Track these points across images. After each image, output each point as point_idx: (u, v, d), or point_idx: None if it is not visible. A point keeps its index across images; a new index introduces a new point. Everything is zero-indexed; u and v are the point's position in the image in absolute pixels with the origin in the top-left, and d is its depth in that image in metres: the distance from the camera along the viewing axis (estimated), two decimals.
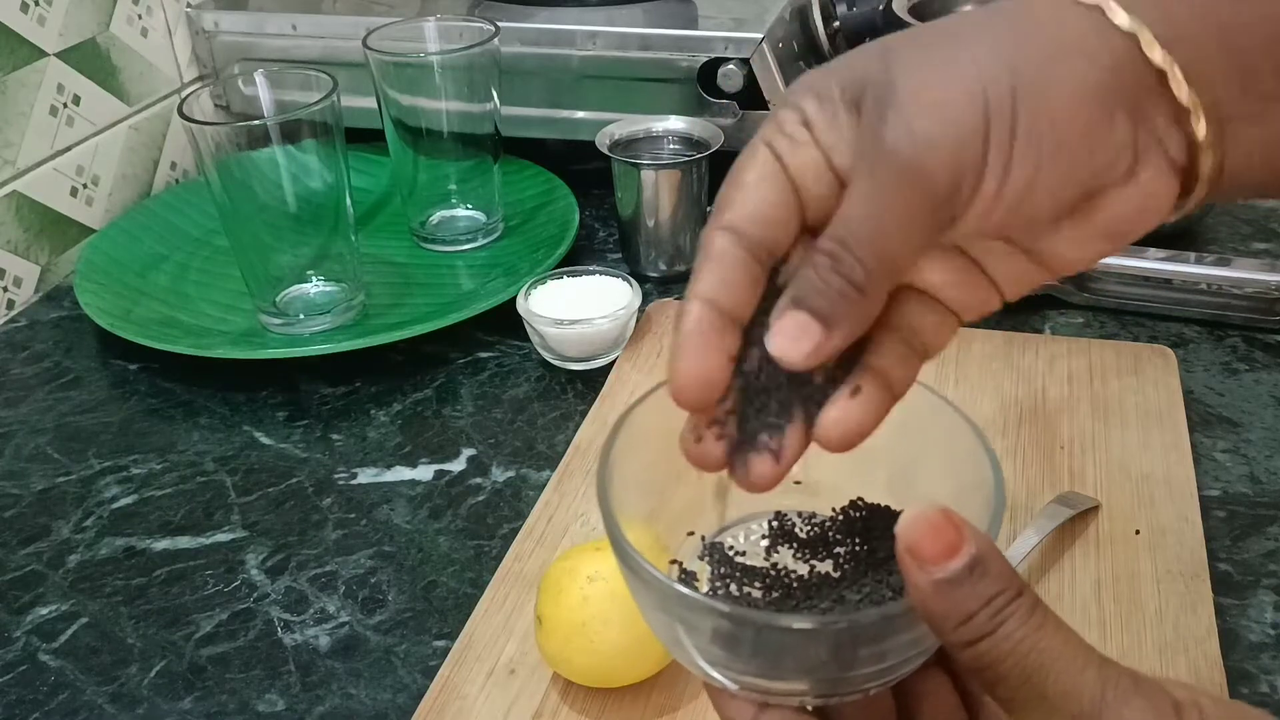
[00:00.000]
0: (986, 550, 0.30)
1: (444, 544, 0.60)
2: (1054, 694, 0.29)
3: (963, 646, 0.30)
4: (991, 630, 0.29)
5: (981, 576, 0.29)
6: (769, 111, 0.84)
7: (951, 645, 0.30)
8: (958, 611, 0.29)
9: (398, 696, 0.52)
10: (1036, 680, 0.30)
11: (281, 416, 0.70)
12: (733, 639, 0.32)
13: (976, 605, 0.29)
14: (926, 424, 0.36)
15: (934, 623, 0.30)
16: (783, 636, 0.31)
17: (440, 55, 0.80)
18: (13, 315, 0.82)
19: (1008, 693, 0.30)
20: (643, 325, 0.75)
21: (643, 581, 0.32)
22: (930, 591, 0.29)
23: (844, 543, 0.36)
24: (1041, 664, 0.29)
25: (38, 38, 0.83)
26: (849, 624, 0.31)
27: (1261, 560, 0.56)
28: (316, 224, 0.74)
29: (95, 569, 0.60)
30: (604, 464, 0.34)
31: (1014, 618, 0.30)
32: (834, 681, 0.32)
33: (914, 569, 0.30)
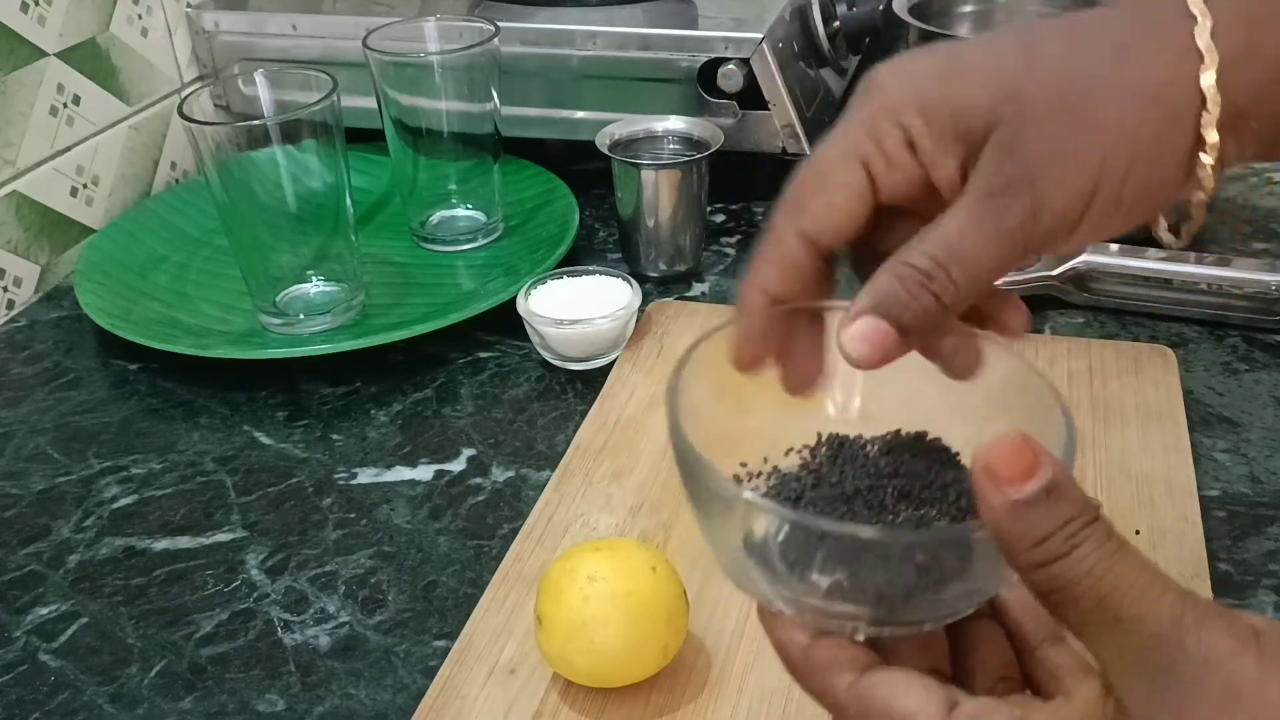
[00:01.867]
0: (1062, 476, 0.30)
1: (444, 544, 0.60)
2: (1129, 616, 0.30)
3: (1035, 568, 0.30)
4: (1066, 553, 0.30)
5: (1058, 500, 0.30)
6: (766, 112, 0.85)
7: (1024, 568, 0.30)
8: (1032, 533, 0.30)
9: (398, 696, 0.52)
10: (1111, 602, 0.30)
11: (281, 416, 0.70)
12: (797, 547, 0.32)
13: (1052, 527, 0.30)
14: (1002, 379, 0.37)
15: (1008, 545, 0.30)
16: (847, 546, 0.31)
17: (440, 55, 0.80)
18: (13, 315, 0.82)
19: (1079, 616, 0.30)
20: (643, 325, 0.75)
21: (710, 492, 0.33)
22: (1006, 512, 0.30)
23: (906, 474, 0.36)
24: (1117, 587, 0.30)
25: (38, 38, 0.83)
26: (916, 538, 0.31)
27: (1261, 560, 0.56)
28: (316, 224, 0.74)
29: (95, 569, 0.60)
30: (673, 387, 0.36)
31: (1089, 541, 0.30)
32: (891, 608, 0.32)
33: (990, 490, 0.30)
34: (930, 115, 0.34)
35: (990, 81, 0.34)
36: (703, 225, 0.82)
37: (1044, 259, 0.76)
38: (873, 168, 0.35)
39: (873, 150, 0.35)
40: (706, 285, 0.82)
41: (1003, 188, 0.33)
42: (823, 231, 0.35)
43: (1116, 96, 0.33)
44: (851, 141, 0.35)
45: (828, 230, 0.35)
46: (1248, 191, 0.90)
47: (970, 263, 0.34)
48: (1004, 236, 0.34)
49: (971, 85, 0.34)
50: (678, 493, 0.61)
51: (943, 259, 0.34)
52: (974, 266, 0.34)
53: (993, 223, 0.34)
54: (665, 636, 0.49)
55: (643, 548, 0.50)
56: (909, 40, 1.02)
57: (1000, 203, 0.34)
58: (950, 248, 0.34)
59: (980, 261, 0.34)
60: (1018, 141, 0.33)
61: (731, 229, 0.89)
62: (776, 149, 0.87)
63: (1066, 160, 0.33)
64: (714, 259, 0.85)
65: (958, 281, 0.34)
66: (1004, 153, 0.33)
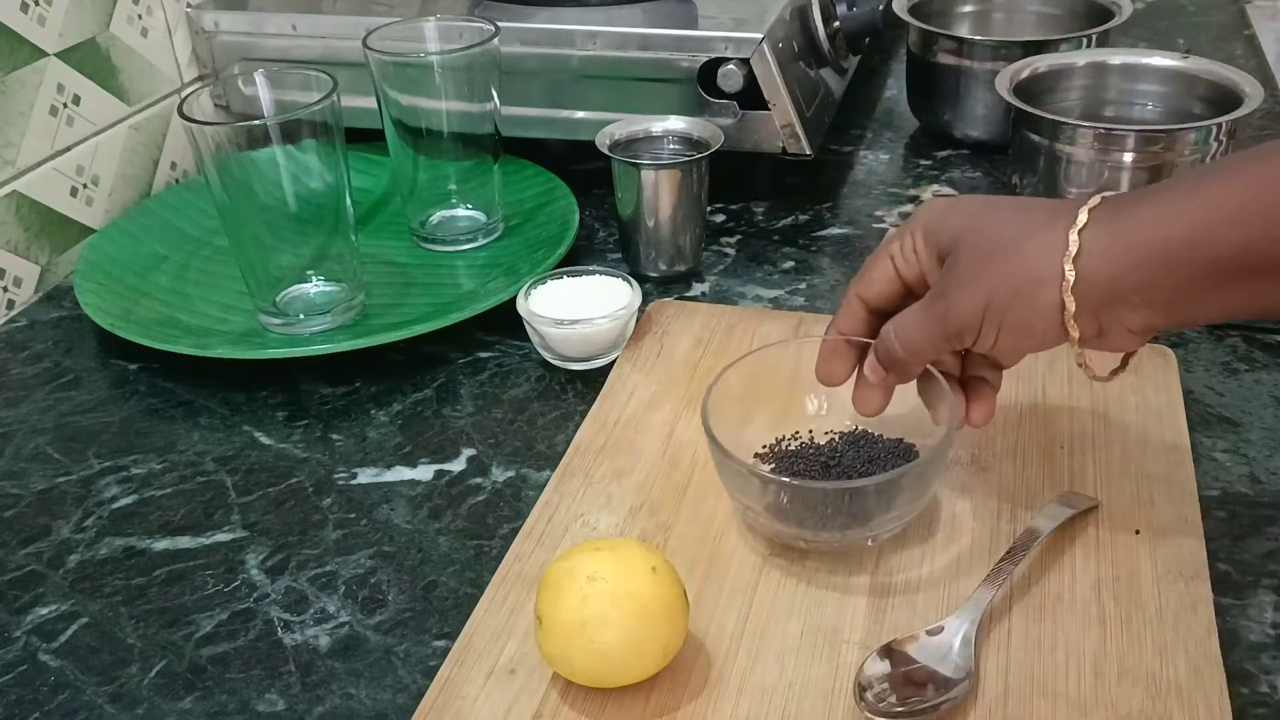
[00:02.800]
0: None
1: (444, 544, 0.60)
2: None
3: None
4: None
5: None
6: (766, 112, 0.85)
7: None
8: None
9: (398, 696, 0.52)
10: None
11: (281, 416, 0.70)
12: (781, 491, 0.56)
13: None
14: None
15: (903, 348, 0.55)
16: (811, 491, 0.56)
17: (440, 55, 0.80)
18: (13, 315, 0.82)
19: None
20: (643, 325, 0.75)
21: (729, 466, 0.55)
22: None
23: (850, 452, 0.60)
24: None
25: (38, 38, 0.83)
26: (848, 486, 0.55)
27: (1261, 560, 0.56)
28: (316, 224, 0.74)
29: (95, 569, 0.60)
30: (708, 397, 0.57)
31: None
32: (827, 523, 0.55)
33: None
34: (927, 235, 0.54)
35: (958, 226, 0.52)
36: (703, 225, 0.82)
37: None
38: (895, 261, 0.55)
39: (896, 251, 0.55)
40: (706, 285, 0.82)
41: (935, 292, 0.53)
42: (869, 297, 0.56)
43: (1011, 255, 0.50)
44: (890, 244, 0.55)
45: (871, 296, 0.56)
46: None
47: (907, 336, 0.54)
48: (927, 323, 0.53)
49: (950, 225, 0.53)
50: (678, 493, 0.61)
51: (895, 328, 0.55)
52: (909, 340, 0.54)
53: (922, 313, 0.53)
54: (665, 636, 0.49)
55: (643, 548, 0.50)
56: (909, 40, 1.02)
57: (930, 301, 0.53)
58: (900, 323, 0.55)
59: (914, 337, 0.54)
60: (951, 265, 0.52)
61: (731, 229, 0.89)
62: (776, 149, 0.87)
63: (969, 284, 0.51)
64: (714, 259, 0.85)
65: (904, 343, 0.54)
66: (944, 271, 0.53)
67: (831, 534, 0.55)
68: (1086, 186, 0.81)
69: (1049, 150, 0.82)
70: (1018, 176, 0.87)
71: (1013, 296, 0.50)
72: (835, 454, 0.60)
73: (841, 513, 0.54)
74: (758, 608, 0.54)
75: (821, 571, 0.56)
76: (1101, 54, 0.93)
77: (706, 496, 0.60)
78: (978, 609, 0.51)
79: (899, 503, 0.55)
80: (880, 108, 1.11)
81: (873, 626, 0.53)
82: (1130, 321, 0.49)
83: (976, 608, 0.51)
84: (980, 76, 0.96)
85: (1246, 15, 1.28)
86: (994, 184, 0.94)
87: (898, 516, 0.55)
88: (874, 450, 0.59)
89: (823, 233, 0.88)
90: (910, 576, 0.55)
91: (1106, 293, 0.48)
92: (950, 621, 0.51)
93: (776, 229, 0.89)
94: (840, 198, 0.93)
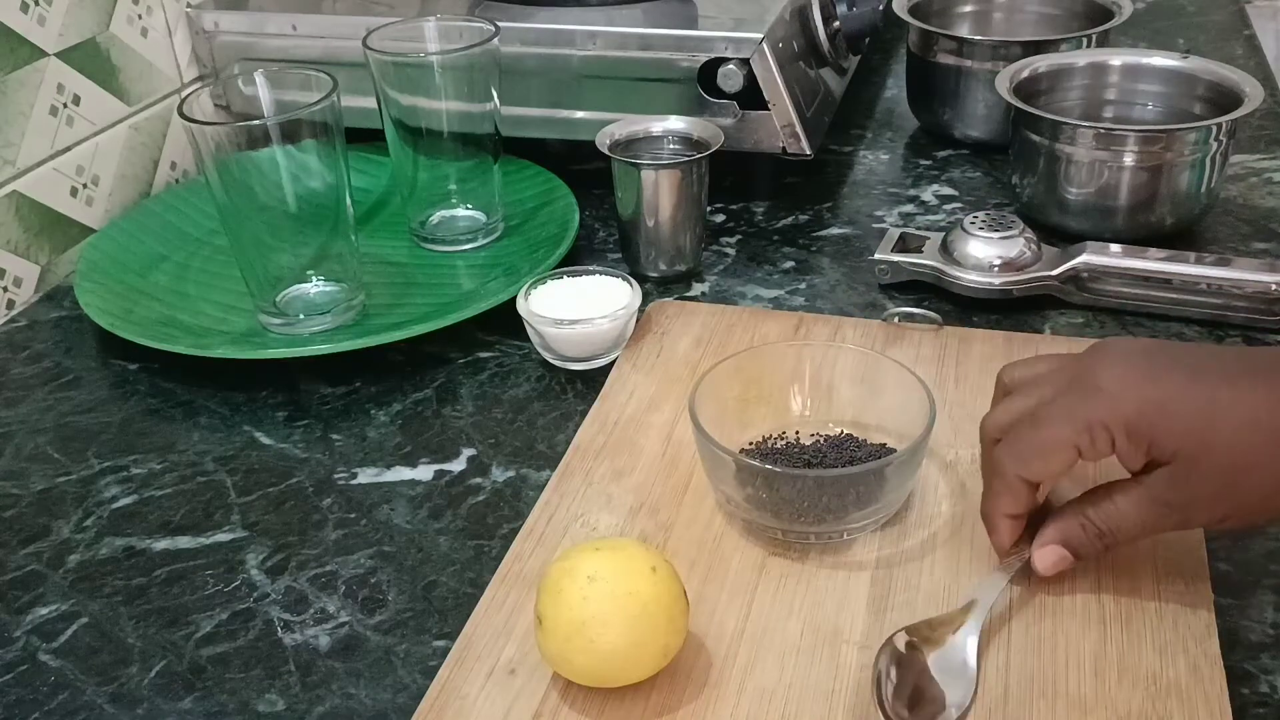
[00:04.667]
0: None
1: (444, 544, 0.60)
2: None
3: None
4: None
5: None
6: (766, 112, 0.85)
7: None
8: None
9: (398, 696, 0.52)
10: None
11: (281, 416, 0.70)
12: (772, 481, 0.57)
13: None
14: (888, 380, 0.62)
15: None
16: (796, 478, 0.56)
17: (440, 55, 0.80)
18: (13, 315, 0.82)
19: None
20: (643, 325, 0.75)
21: (715, 456, 0.57)
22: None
23: (832, 451, 0.61)
24: None
25: (38, 38, 0.83)
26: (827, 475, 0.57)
27: (1261, 560, 0.56)
28: (316, 224, 0.74)
29: (95, 569, 0.60)
30: (697, 388, 0.59)
31: None
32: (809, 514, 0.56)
33: None
34: (1133, 436, 0.49)
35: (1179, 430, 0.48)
36: (703, 225, 0.82)
37: (1044, 258, 0.76)
38: (1083, 454, 0.50)
39: (1087, 445, 0.50)
40: (706, 285, 0.82)
41: (1166, 502, 0.50)
42: (1038, 479, 0.53)
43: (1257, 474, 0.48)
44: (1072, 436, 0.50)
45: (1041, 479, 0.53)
46: (1247, 191, 0.90)
47: (1127, 534, 0.52)
48: (1153, 527, 0.51)
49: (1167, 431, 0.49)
50: (678, 493, 0.61)
51: (1114, 527, 0.52)
52: (1128, 537, 0.52)
53: (1153, 520, 0.51)
54: (665, 636, 0.49)
55: (643, 548, 0.50)
56: (909, 40, 1.02)
57: (1162, 510, 0.50)
58: (1120, 523, 0.51)
59: (1133, 535, 0.52)
60: (1185, 479, 0.49)
61: (731, 229, 0.89)
62: (776, 149, 0.87)
63: (1214, 503, 0.49)
64: (714, 259, 0.85)
65: (1118, 541, 0.52)
66: (1175, 481, 0.49)
67: (807, 526, 0.56)
68: (1086, 186, 0.82)
69: (1049, 150, 0.82)
70: (1018, 176, 0.87)
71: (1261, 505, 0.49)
72: (819, 454, 0.61)
73: (816, 505, 0.55)
74: (758, 608, 0.54)
75: (821, 571, 0.56)
76: (1101, 54, 0.93)
77: (706, 496, 0.60)
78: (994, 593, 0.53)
79: (873, 498, 0.56)
80: (880, 108, 1.11)
81: (873, 626, 0.53)
82: None
83: (994, 590, 0.53)
84: (980, 76, 0.96)
85: (1246, 15, 1.28)
86: (994, 184, 0.94)
87: (872, 512, 0.57)
88: (856, 453, 0.60)
89: (823, 233, 0.88)
90: (910, 577, 0.55)
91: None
92: (969, 621, 0.51)
93: (776, 229, 0.89)
94: (840, 198, 0.93)
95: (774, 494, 0.56)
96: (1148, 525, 0.51)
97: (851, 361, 0.64)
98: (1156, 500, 0.50)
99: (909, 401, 0.59)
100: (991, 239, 0.76)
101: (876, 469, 0.56)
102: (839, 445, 0.61)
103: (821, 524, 0.56)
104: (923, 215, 0.90)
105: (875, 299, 0.79)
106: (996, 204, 0.91)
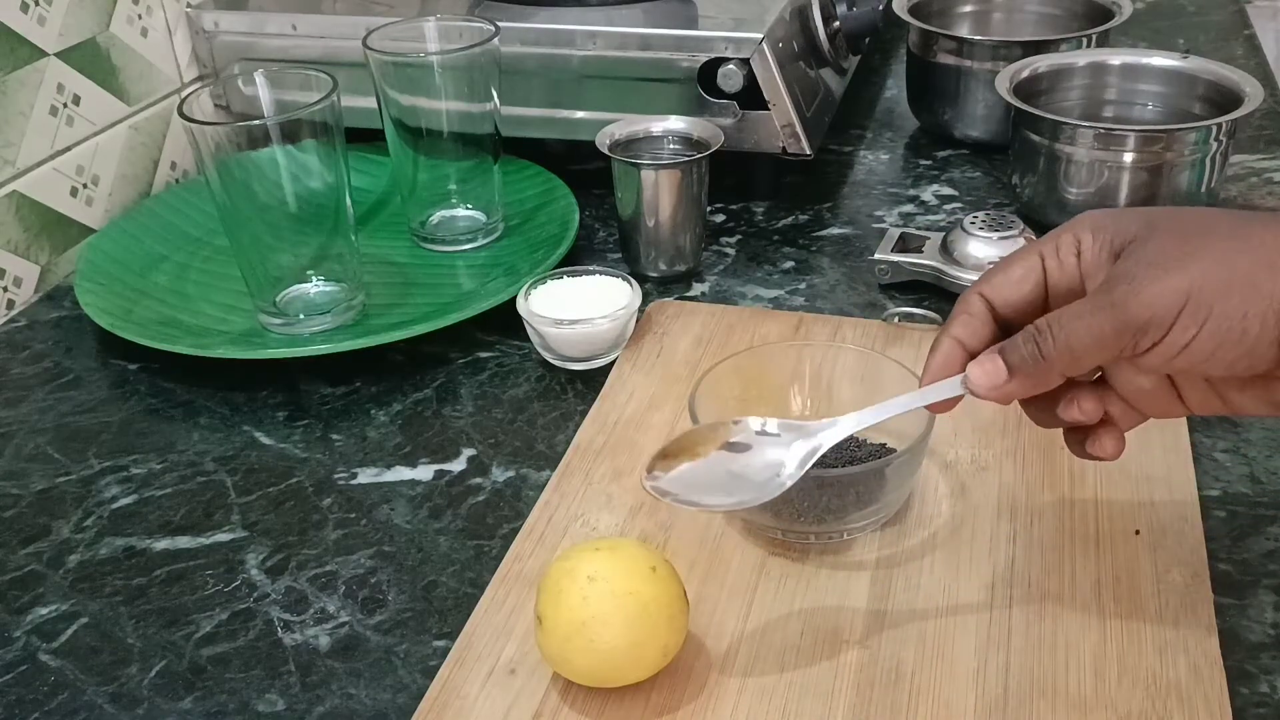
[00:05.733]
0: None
1: (444, 544, 0.60)
2: None
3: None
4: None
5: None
6: (766, 112, 0.85)
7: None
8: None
9: (398, 696, 0.52)
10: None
11: (281, 416, 0.70)
12: None
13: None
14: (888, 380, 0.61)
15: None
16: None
17: (440, 55, 0.80)
18: (13, 315, 0.82)
19: None
20: (643, 325, 0.75)
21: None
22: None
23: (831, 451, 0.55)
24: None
25: (38, 38, 0.83)
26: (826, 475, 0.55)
27: (1261, 560, 0.56)
28: (316, 224, 0.74)
29: (95, 569, 0.60)
30: (697, 387, 0.59)
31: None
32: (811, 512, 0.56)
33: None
34: (1096, 233, 0.46)
35: (1147, 217, 0.45)
36: (703, 225, 0.82)
37: None
38: (1047, 262, 0.47)
39: (1050, 250, 0.46)
40: (706, 285, 0.82)
41: (1111, 277, 0.44)
42: (1000, 299, 0.47)
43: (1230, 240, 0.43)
44: (1039, 244, 0.47)
45: (1003, 298, 0.47)
46: (1247, 191, 0.90)
47: (1069, 329, 0.44)
48: (1099, 311, 0.43)
49: (1130, 220, 0.45)
50: None
51: (1051, 321, 0.45)
52: (1071, 332, 0.44)
53: (1094, 302, 0.44)
54: (665, 636, 0.49)
55: (643, 548, 0.50)
56: (909, 40, 1.02)
57: (1105, 287, 0.44)
58: (1059, 315, 0.45)
59: (1077, 329, 0.44)
60: (1137, 248, 0.44)
61: (731, 229, 0.89)
62: (776, 149, 0.87)
63: (1168, 262, 0.42)
64: (714, 259, 0.85)
65: (1056, 338, 0.44)
66: (1124, 256, 0.44)
67: (807, 526, 0.56)
68: (1086, 186, 0.82)
69: (1049, 150, 0.82)
70: (1018, 176, 0.87)
71: (1227, 286, 0.42)
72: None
73: (816, 505, 0.55)
74: (758, 608, 0.54)
75: (822, 572, 0.56)
76: (1101, 54, 0.93)
77: None
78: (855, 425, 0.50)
79: (873, 498, 0.56)
80: (880, 108, 1.11)
81: (873, 626, 0.53)
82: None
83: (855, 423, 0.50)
84: (980, 76, 0.96)
85: (1246, 15, 1.28)
86: (994, 184, 0.94)
87: (872, 512, 0.57)
88: (856, 453, 0.60)
89: (823, 233, 0.88)
90: (910, 577, 0.55)
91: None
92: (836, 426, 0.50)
93: (776, 229, 0.89)
94: (840, 198, 0.93)
95: None
96: (1093, 311, 0.44)
97: (851, 361, 0.64)
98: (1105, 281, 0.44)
99: None
100: (991, 239, 0.76)
101: (876, 469, 0.56)
102: (839, 445, 0.61)
103: (821, 524, 0.56)
104: (923, 215, 0.90)
105: (875, 299, 0.79)
106: (996, 204, 0.91)
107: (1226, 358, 0.43)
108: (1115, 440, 0.49)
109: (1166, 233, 0.44)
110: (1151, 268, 0.43)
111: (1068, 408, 0.48)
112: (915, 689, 0.49)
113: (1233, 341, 0.42)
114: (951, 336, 0.48)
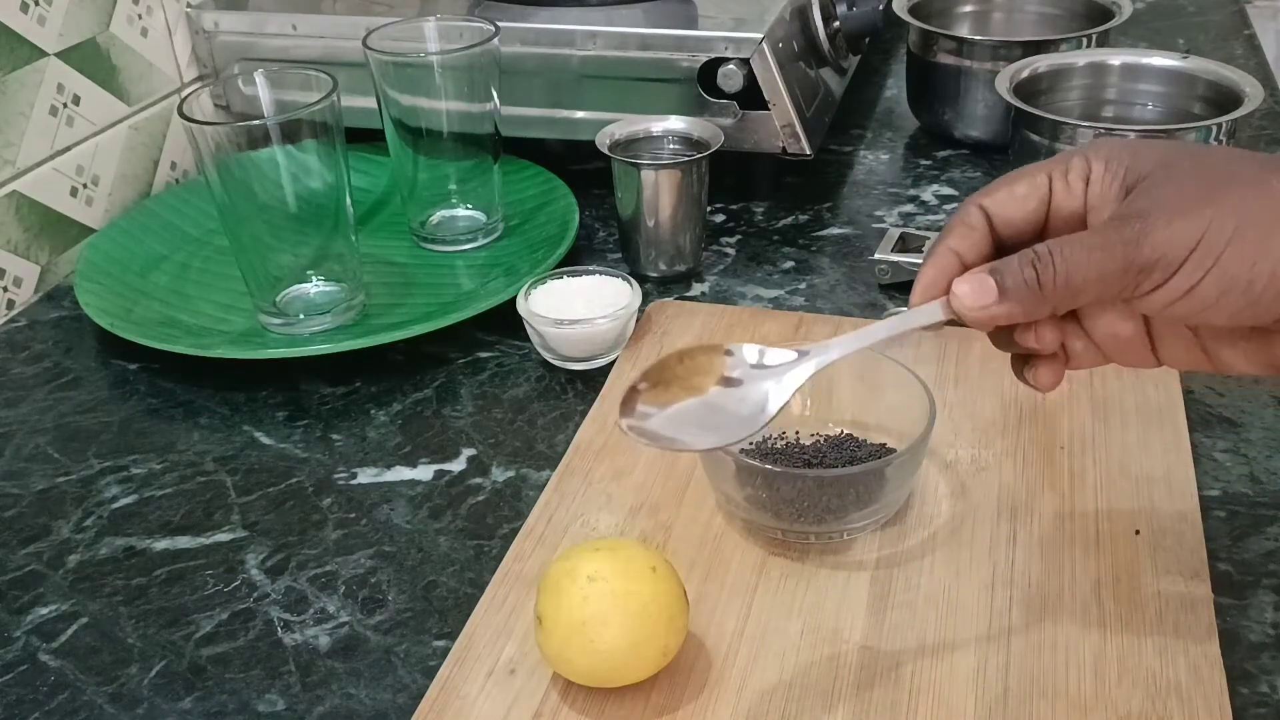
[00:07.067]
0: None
1: (444, 544, 0.60)
2: None
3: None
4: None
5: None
6: (766, 112, 0.85)
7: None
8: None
9: (398, 696, 0.52)
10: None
11: (281, 416, 0.70)
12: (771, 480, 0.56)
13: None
14: (888, 380, 0.61)
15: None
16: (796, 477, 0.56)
17: (440, 55, 0.80)
18: (13, 315, 0.82)
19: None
20: (643, 325, 0.75)
21: (715, 456, 0.57)
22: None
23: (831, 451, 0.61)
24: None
25: (38, 38, 0.83)
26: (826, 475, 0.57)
27: (1261, 560, 0.56)
28: (316, 224, 0.74)
29: (95, 569, 0.60)
30: None
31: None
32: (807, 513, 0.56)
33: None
34: (1109, 163, 0.43)
35: (1162, 153, 0.43)
36: (703, 225, 0.82)
37: None
38: (1054, 184, 0.44)
39: (1059, 171, 0.44)
40: (706, 285, 0.82)
41: (1122, 214, 0.42)
42: (996, 209, 0.45)
43: (1250, 185, 0.41)
44: (1048, 163, 0.44)
45: (1000, 210, 0.45)
46: None
47: (1073, 260, 0.41)
48: (1107, 248, 0.41)
49: (1146, 155, 0.43)
50: (678, 493, 0.61)
51: (1054, 249, 0.42)
52: (1074, 264, 0.41)
53: (1102, 236, 0.42)
54: (665, 636, 0.49)
55: (643, 548, 0.50)
56: (909, 40, 1.02)
57: (1115, 224, 0.42)
58: (1062, 245, 0.42)
59: (1080, 261, 0.41)
60: (1153, 186, 0.42)
61: (731, 229, 0.89)
62: (776, 149, 0.87)
63: (1183, 205, 0.41)
64: (714, 259, 0.85)
65: (1058, 268, 0.42)
66: (1138, 194, 0.42)
67: (807, 526, 0.56)
68: None
69: (1049, 150, 0.82)
70: None
71: (1239, 234, 0.40)
72: (819, 454, 0.61)
73: (816, 505, 0.55)
74: (758, 608, 0.54)
75: (821, 572, 0.56)
76: (1101, 54, 0.93)
77: (706, 496, 0.60)
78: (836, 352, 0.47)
79: (873, 498, 0.56)
80: (880, 108, 1.11)
81: (873, 626, 0.53)
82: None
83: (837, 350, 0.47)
84: (980, 76, 0.96)
85: (1246, 15, 1.28)
86: None
87: (872, 512, 0.57)
88: (856, 453, 0.60)
89: (823, 233, 0.88)
90: (910, 577, 0.55)
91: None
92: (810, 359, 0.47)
93: (776, 229, 0.89)
94: (840, 198, 0.93)
95: (774, 494, 0.56)
96: (1101, 246, 0.42)
97: (851, 361, 0.63)
98: (1115, 216, 0.42)
99: (909, 401, 0.59)
100: None
101: (876, 469, 0.56)
102: (839, 445, 0.61)
103: (821, 524, 0.56)
104: (923, 215, 0.90)
105: (875, 299, 0.79)
106: None
107: (1231, 306, 0.41)
108: (1055, 373, 0.47)
109: (1188, 174, 0.42)
110: (1167, 209, 0.41)
111: (1024, 333, 0.45)
112: (915, 689, 0.49)
113: (1239, 290, 0.41)
114: (948, 247, 0.45)
